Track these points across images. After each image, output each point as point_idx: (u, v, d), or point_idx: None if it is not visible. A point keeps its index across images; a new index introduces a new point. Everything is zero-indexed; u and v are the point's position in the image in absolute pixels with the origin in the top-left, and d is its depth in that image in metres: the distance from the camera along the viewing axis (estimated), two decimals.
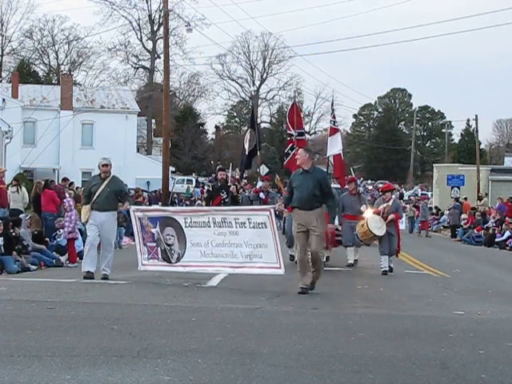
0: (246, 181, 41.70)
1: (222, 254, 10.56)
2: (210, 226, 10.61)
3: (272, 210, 10.20)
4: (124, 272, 12.98)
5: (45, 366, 5.23)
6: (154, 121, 60.75)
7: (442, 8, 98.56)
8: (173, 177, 45.26)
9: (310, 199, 9.96)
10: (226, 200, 13.59)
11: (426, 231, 31.41)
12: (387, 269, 13.74)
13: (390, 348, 6.39)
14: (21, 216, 16.14)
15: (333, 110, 18.40)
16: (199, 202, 36.66)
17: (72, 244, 15.54)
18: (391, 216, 13.92)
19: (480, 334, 7.34)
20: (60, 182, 23.12)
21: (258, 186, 16.20)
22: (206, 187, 15.37)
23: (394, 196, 15.40)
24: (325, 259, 14.23)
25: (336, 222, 13.86)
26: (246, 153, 17.43)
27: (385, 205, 14.07)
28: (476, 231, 27.61)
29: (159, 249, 11.26)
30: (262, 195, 15.57)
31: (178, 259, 11.07)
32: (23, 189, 18.50)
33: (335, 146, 17.68)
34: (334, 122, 18.16)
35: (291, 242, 14.18)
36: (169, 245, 11.14)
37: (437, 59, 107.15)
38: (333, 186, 23.64)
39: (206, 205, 14.06)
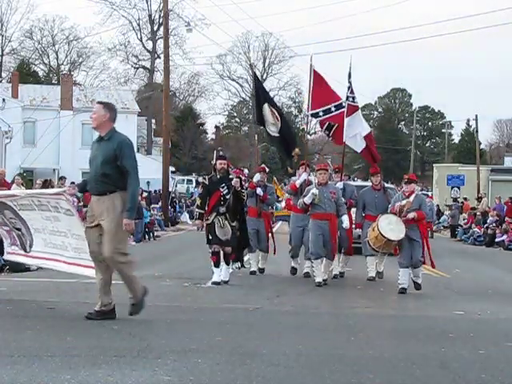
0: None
1: (57, 244, 8.31)
2: (35, 209, 8.38)
3: (67, 196, 7.75)
4: None
5: (45, 366, 5.23)
6: (153, 121, 60.72)
7: (442, 8, 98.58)
8: (173, 177, 45.24)
9: (99, 180, 7.18)
10: (227, 196, 10.92)
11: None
12: (406, 285, 10.81)
13: (390, 348, 6.40)
14: None
15: (350, 83, 13.41)
16: None
17: None
18: (411, 214, 10.65)
19: (480, 334, 7.35)
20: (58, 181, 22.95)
21: (254, 180, 13.10)
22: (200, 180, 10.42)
23: (417, 189, 11.95)
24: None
25: (345, 223, 11.40)
26: (277, 133, 13.40)
27: (404, 201, 10.90)
28: (477, 230, 27.58)
29: (14, 234, 9.26)
30: (259, 191, 12.61)
31: (31, 247, 9.00)
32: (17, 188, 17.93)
33: (356, 127, 13.39)
34: (353, 98, 13.40)
35: (295, 251, 12.62)
36: (18, 229, 9.04)
37: (437, 59, 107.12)
38: (357, 183, 19.77)
39: (201, 203, 11.09)
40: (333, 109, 13.39)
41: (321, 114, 13.60)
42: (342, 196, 11.80)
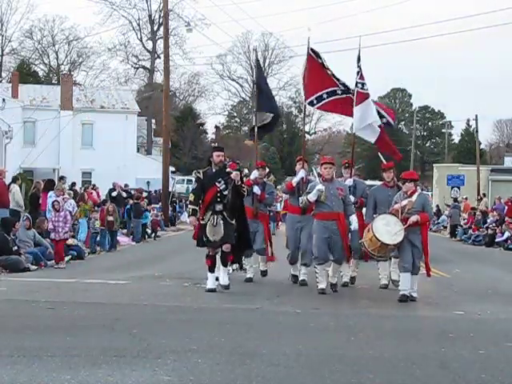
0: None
1: None
2: None
3: None
4: (124, 272, 13.00)
5: (45, 365, 5.23)
6: (154, 121, 60.75)
7: (442, 8, 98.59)
8: (173, 177, 45.23)
9: None
10: (225, 192, 9.96)
11: None
12: (407, 292, 9.76)
13: (390, 348, 6.40)
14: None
15: (359, 67, 11.95)
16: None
17: (62, 244, 15.11)
18: (414, 218, 9.64)
19: (480, 334, 7.35)
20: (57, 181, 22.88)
21: (251, 177, 11.90)
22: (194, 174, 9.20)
23: (419, 189, 10.92)
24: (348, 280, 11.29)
25: (353, 225, 10.41)
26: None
27: (406, 201, 9.82)
28: (472, 232, 27.61)
29: None
30: (256, 189, 11.42)
31: None
32: (15, 188, 17.74)
33: (368, 117, 11.93)
34: (363, 84, 11.90)
35: (294, 257, 11.38)
36: None
37: (437, 59, 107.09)
38: (370, 182, 18.77)
39: (195, 199, 10.10)
40: (324, 96, 12.17)
41: (315, 101, 12.39)
42: (352, 194, 10.90)
